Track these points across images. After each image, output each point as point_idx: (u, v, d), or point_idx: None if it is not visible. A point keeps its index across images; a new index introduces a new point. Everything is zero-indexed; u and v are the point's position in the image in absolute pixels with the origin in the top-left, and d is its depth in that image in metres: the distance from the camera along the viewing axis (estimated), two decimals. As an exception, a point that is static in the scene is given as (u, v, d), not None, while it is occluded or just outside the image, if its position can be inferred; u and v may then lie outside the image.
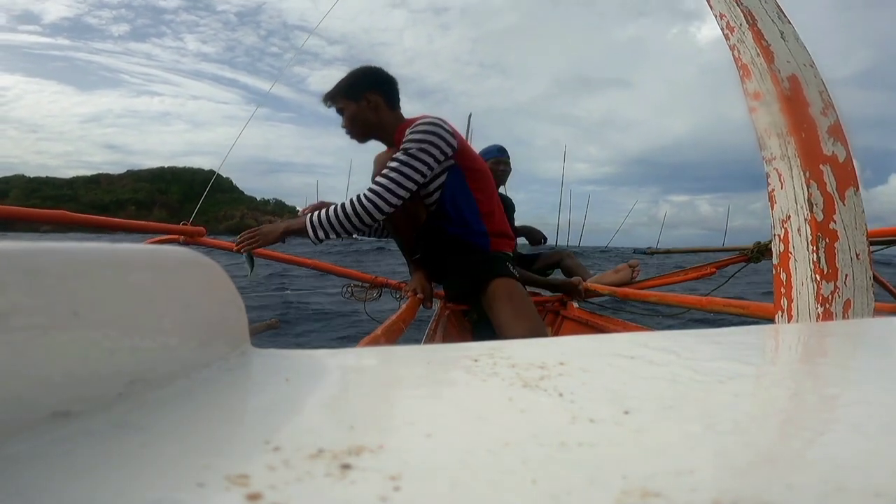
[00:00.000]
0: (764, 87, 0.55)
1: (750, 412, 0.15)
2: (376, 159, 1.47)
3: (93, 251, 0.16)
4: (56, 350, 0.13)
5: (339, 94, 1.46)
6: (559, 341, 0.23)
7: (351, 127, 1.47)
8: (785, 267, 0.52)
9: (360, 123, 1.46)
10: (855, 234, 0.50)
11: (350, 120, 1.45)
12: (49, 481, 0.11)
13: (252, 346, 0.21)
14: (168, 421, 0.14)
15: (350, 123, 1.46)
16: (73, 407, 0.13)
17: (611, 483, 0.11)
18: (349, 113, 1.45)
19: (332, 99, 1.47)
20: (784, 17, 0.60)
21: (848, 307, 0.48)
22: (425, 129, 1.34)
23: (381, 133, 1.47)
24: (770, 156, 0.54)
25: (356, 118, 1.45)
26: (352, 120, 1.45)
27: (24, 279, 0.13)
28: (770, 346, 0.26)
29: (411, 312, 1.28)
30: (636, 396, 0.16)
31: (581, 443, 0.13)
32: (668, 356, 0.21)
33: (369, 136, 1.49)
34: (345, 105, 1.45)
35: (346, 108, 1.44)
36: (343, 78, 1.47)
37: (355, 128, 1.47)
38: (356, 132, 1.48)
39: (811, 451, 0.13)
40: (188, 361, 0.18)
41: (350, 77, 1.46)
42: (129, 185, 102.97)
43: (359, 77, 1.46)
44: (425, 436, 0.13)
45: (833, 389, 0.18)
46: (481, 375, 0.19)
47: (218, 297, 0.20)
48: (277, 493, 0.10)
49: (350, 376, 0.19)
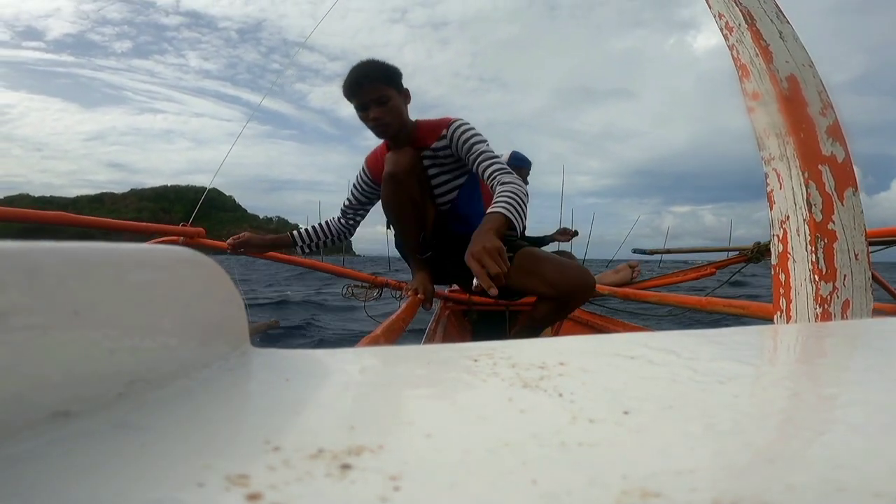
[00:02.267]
0: (763, 87, 0.55)
1: (750, 412, 0.15)
2: (388, 158, 1.37)
3: (93, 251, 0.16)
4: (56, 350, 0.13)
5: (381, 80, 1.30)
6: (559, 341, 0.23)
7: (391, 117, 1.33)
8: (784, 267, 0.52)
9: (398, 115, 1.34)
10: (854, 235, 0.50)
11: (393, 110, 1.32)
12: (49, 481, 0.11)
13: (252, 346, 0.21)
14: (168, 421, 0.14)
15: (391, 113, 1.32)
16: (73, 407, 0.13)
17: (611, 483, 0.11)
18: (394, 102, 1.32)
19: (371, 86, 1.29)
20: (783, 17, 0.60)
21: (846, 307, 0.48)
22: (476, 129, 1.36)
23: (403, 129, 1.38)
24: (769, 156, 0.54)
25: (398, 109, 1.33)
26: (396, 110, 1.32)
27: (24, 279, 0.13)
28: (769, 346, 0.26)
29: (411, 312, 1.28)
30: (636, 396, 0.16)
31: (581, 443, 0.13)
32: (668, 356, 0.21)
33: (397, 132, 1.37)
34: (387, 93, 1.31)
35: (390, 97, 1.31)
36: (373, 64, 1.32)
37: (395, 119, 1.34)
38: (394, 124, 1.35)
39: (810, 452, 0.13)
40: (188, 361, 0.18)
41: (386, 65, 1.33)
42: (132, 205, 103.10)
43: (393, 67, 1.33)
44: (425, 436, 0.13)
45: (832, 389, 0.18)
46: (481, 375, 0.19)
47: (218, 296, 0.20)
48: (277, 493, 0.10)
49: (350, 376, 0.19)
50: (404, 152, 1.38)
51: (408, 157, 1.37)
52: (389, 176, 1.37)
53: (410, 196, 1.39)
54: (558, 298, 1.28)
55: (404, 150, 1.39)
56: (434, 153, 1.41)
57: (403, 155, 1.37)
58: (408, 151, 1.38)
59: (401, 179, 1.37)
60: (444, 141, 1.39)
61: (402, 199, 1.40)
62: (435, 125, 1.40)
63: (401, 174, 1.36)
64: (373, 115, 1.32)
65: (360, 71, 1.30)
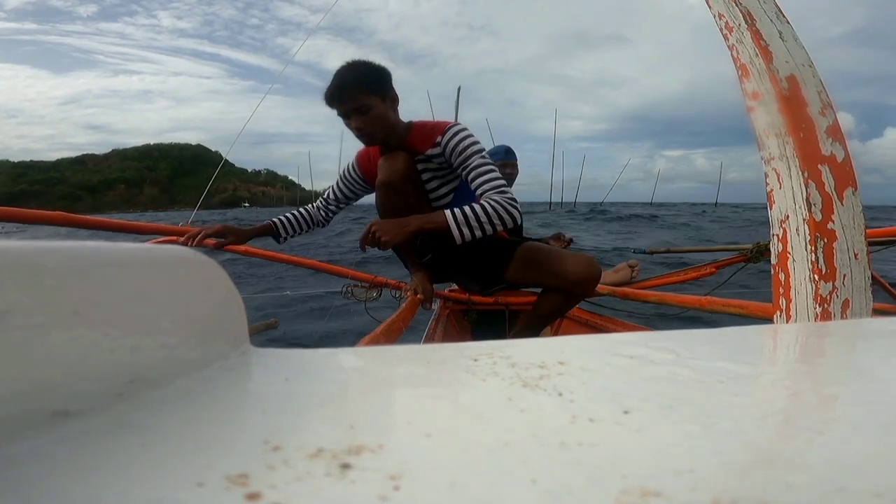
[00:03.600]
0: (762, 87, 0.55)
1: (750, 412, 0.15)
2: (382, 164, 1.34)
3: (92, 250, 0.16)
4: (56, 350, 0.13)
5: (362, 90, 1.24)
6: (559, 341, 0.23)
7: (373, 128, 1.27)
8: (783, 267, 0.52)
9: (382, 123, 1.28)
10: (853, 234, 0.50)
11: (376, 119, 1.27)
12: (49, 481, 0.11)
13: (252, 345, 0.21)
14: (168, 421, 0.14)
15: (373, 123, 1.27)
16: (73, 407, 0.13)
17: (611, 483, 0.11)
18: (377, 111, 1.26)
19: (350, 96, 1.23)
20: (783, 17, 0.60)
21: (846, 307, 0.49)
22: (472, 137, 1.32)
23: (392, 135, 1.33)
24: (769, 156, 0.54)
25: (383, 117, 1.28)
26: (379, 119, 1.27)
27: (24, 279, 0.13)
28: (769, 345, 0.26)
29: (411, 312, 1.28)
30: (636, 396, 0.16)
31: (581, 442, 0.13)
32: (668, 356, 0.21)
33: (384, 139, 1.33)
34: (369, 101, 1.24)
35: (373, 106, 1.26)
36: (355, 71, 1.26)
37: (379, 129, 1.29)
38: (378, 134, 1.30)
39: (811, 452, 0.13)
40: (188, 361, 0.18)
41: (369, 69, 1.27)
42: (116, 165, 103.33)
43: (379, 71, 1.28)
44: (425, 436, 0.13)
45: (832, 389, 0.18)
46: (481, 375, 0.19)
47: (218, 296, 0.20)
48: (277, 493, 0.10)
49: (350, 376, 0.19)
50: (397, 157, 1.34)
51: (401, 162, 1.33)
52: (384, 185, 1.34)
53: (406, 201, 1.37)
54: (566, 289, 1.29)
55: (397, 155, 1.35)
56: (427, 159, 1.37)
57: (396, 161, 1.33)
58: (400, 156, 1.35)
59: (396, 187, 1.34)
60: (437, 149, 1.34)
61: (398, 205, 1.37)
62: (430, 130, 1.36)
63: (396, 182, 1.33)
64: (354, 124, 1.28)
65: (340, 79, 1.25)
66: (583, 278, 1.27)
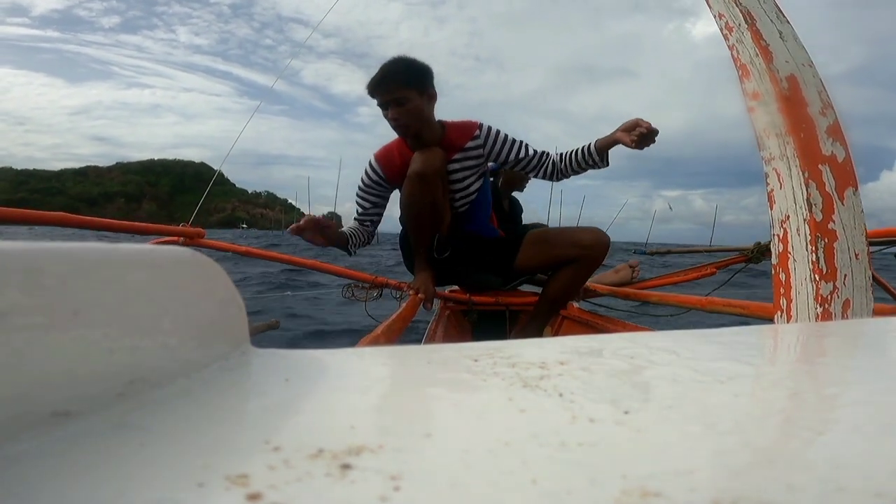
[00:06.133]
0: (762, 86, 0.55)
1: (750, 412, 0.15)
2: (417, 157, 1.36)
3: (93, 251, 0.16)
4: (56, 350, 0.13)
5: (401, 82, 1.32)
6: (559, 341, 0.23)
7: (408, 119, 1.34)
8: (784, 267, 0.52)
9: (418, 116, 1.35)
10: (854, 234, 0.50)
11: (412, 112, 1.33)
12: (49, 481, 0.11)
13: (252, 346, 0.21)
14: (168, 421, 0.14)
15: (409, 115, 1.34)
16: (73, 407, 0.13)
17: (611, 483, 0.11)
18: (415, 104, 1.33)
19: (389, 88, 1.31)
20: (783, 17, 0.60)
21: (847, 307, 0.48)
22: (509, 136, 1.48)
23: (426, 129, 1.38)
24: (769, 156, 0.54)
25: (419, 111, 1.34)
26: (415, 112, 1.34)
27: (24, 279, 0.13)
28: (769, 346, 0.26)
29: (412, 312, 1.28)
30: (636, 396, 0.16)
31: (581, 443, 0.13)
32: (668, 356, 0.21)
33: (417, 132, 1.38)
34: (407, 94, 1.32)
35: (410, 99, 1.32)
36: (398, 65, 1.33)
37: (414, 121, 1.35)
38: (414, 126, 1.36)
39: (811, 452, 0.13)
40: (188, 361, 0.18)
41: (412, 65, 1.34)
42: (118, 178, 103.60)
43: (420, 67, 1.35)
44: (425, 436, 0.13)
45: (832, 389, 0.18)
46: (481, 375, 0.19)
47: (218, 296, 0.20)
48: (277, 493, 0.10)
49: (350, 376, 0.19)
50: (434, 153, 1.38)
51: (438, 157, 1.38)
52: (418, 175, 1.35)
53: (434, 196, 1.40)
54: (580, 256, 1.37)
55: (434, 151, 1.38)
56: (465, 152, 1.43)
57: (433, 155, 1.37)
58: (437, 152, 1.38)
59: (429, 179, 1.36)
60: (478, 140, 1.43)
61: (427, 198, 1.39)
62: (463, 126, 1.44)
63: (430, 175, 1.36)
64: (391, 115, 1.35)
65: (384, 71, 1.32)
66: (594, 243, 1.38)
